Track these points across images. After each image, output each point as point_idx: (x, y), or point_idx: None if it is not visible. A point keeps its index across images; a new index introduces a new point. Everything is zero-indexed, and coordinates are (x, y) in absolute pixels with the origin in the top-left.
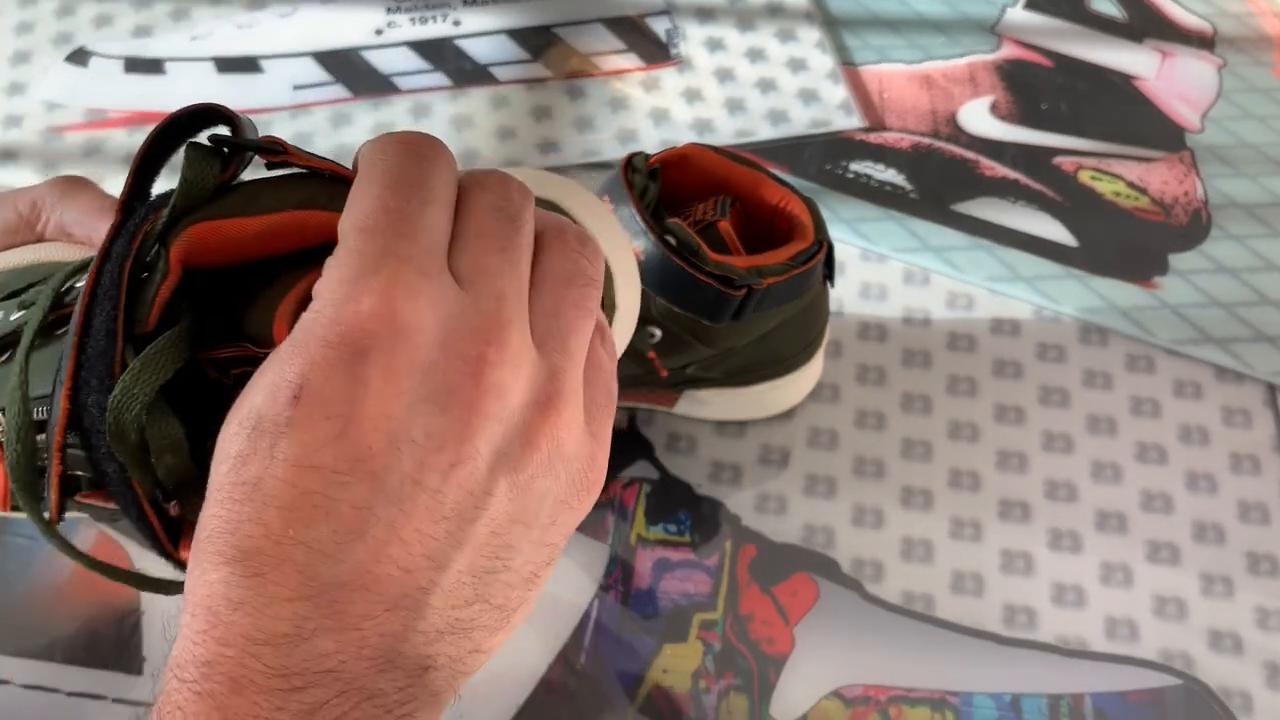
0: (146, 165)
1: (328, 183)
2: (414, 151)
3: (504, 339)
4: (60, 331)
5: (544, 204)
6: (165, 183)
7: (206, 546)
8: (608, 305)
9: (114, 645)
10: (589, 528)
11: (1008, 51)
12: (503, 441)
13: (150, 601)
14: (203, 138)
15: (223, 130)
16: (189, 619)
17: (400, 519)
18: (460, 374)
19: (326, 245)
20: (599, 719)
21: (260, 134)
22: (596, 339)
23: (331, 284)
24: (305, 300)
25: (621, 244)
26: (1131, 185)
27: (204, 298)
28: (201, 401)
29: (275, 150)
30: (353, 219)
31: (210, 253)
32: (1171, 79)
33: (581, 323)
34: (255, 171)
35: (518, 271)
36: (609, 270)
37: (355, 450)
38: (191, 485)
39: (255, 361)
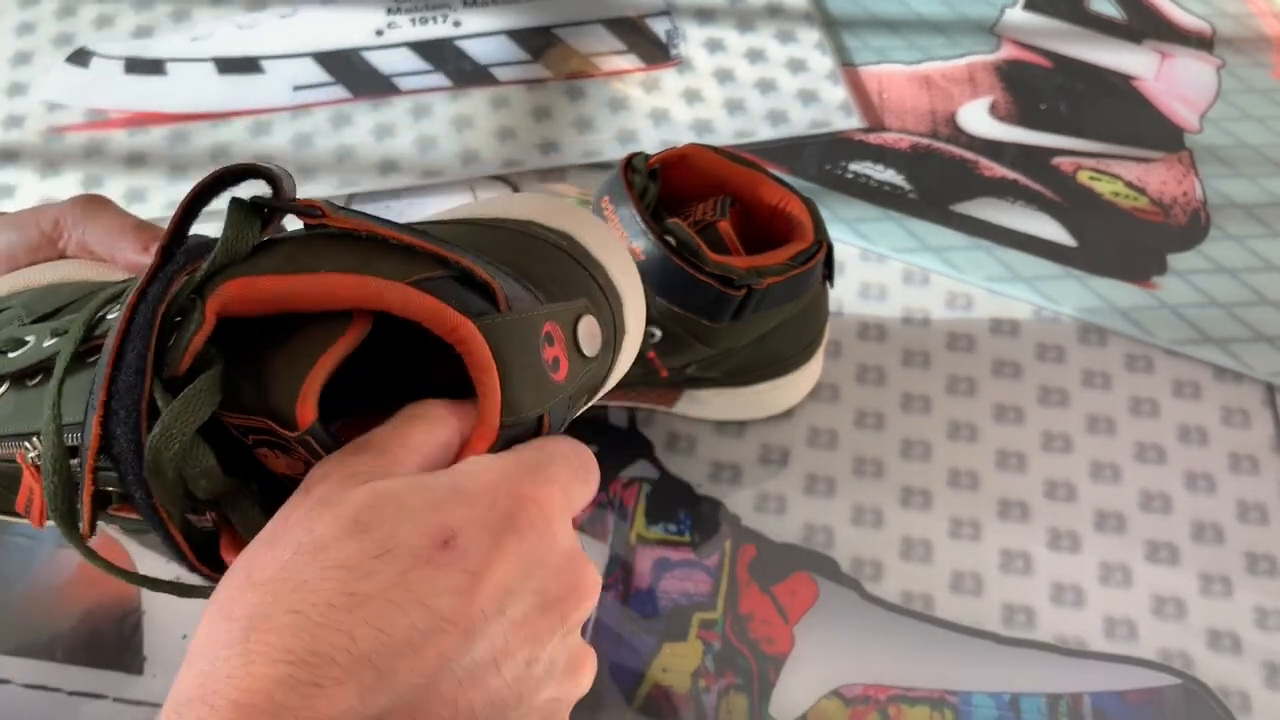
0: (188, 214)
1: (363, 245)
2: (574, 474)
3: (589, 592)
4: (91, 360)
5: (557, 234)
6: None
7: (271, 637)
8: (618, 329)
9: (115, 644)
10: (589, 527)
11: (1007, 52)
12: (561, 660)
13: (151, 601)
14: (244, 191)
15: (263, 187)
16: (215, 689)
17: (468, 682)
18: (570, 587)
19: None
20: (599, 718)
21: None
22: None
23: (503, 463)
24: (330, 377)
25: (632, 273)
26: (1130, 185)
27: (231, 339)
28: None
29: (313, 213)
30: (546, 443)
31: (243, 304)
32: (1170, 80)
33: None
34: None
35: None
36: (619, 296)
37: (467, 607)
38: (229, 497)
39: (275, 434)
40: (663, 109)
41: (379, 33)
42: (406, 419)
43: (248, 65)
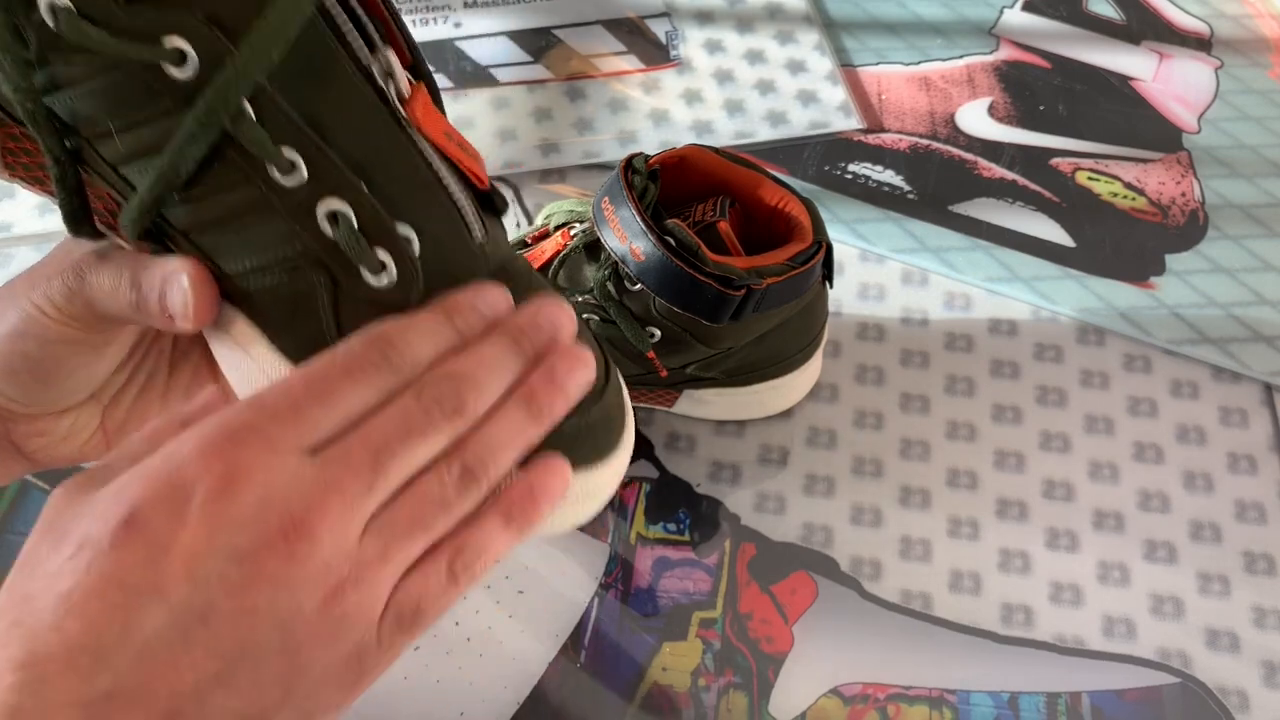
0: None
1: None
2: (355, 364)
3: (310, 525)
4: None
5: None
6: None
7: (1, 654)
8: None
9: None
10: (589, 526)
11: (1005, 53)
12: (283, 609)
13: None
14: None
15: None
16: None
17: (180, 647)
18: (262, 538)
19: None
20: (599, 717)
21: None
22: (433, 566)
23: (198, 434)
24: None
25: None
26: (1129, 186)
27: None
28: None
29: None
30: (270, 387)
31: None
32: (1169, 80)
33: (412, 536)
34: None
35: (375, 472)
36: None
37: (160, 577)
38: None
39: None
40: (662, 110)
41: None
42: (134, 435)
43: None
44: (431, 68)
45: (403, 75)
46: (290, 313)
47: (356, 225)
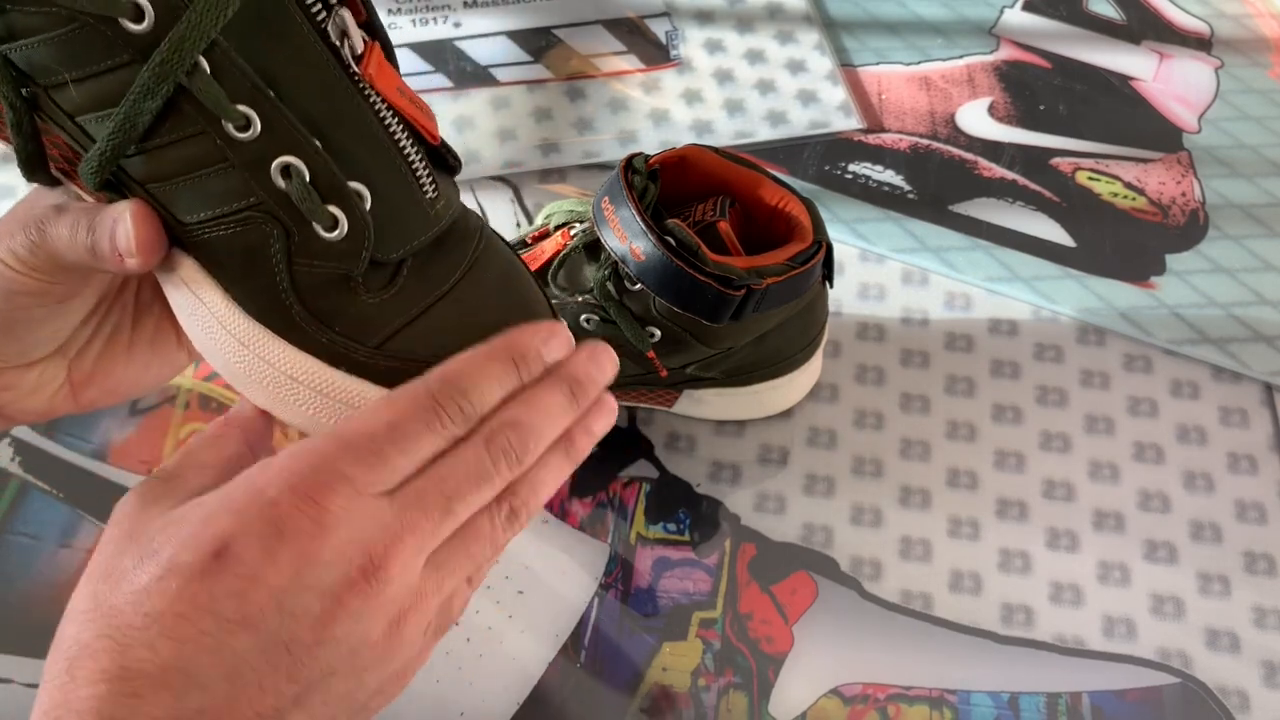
0: None
1: None
2: (434, 416)
3: (387, 564)
4: None
5: None
6: None
7: (88, 663)
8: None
9: None
10: (590, 526)
11: (1006, 53)
12: (356, 639)
13: None
14: None
15: None
16: (55, 717)
17: (266, 672)
18: (345, 577)
19: None
20: (599, 717)
21: None
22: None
23: (286, 469)
24: None
25: None
26: (1129, 186)
27: None
28: None
29: None
30: (352, 426)
31: None
32: (1169, 80)
33: (462, 566)
34: None
35: (451, 515)
36: None
37: (250, 609)
38: None
39: None
40: (662, 110)
41: None
42: (197, 441)
43: None
44: (431, 67)
45: (357, 33)
46: (244, 264)
47: (309, 180)
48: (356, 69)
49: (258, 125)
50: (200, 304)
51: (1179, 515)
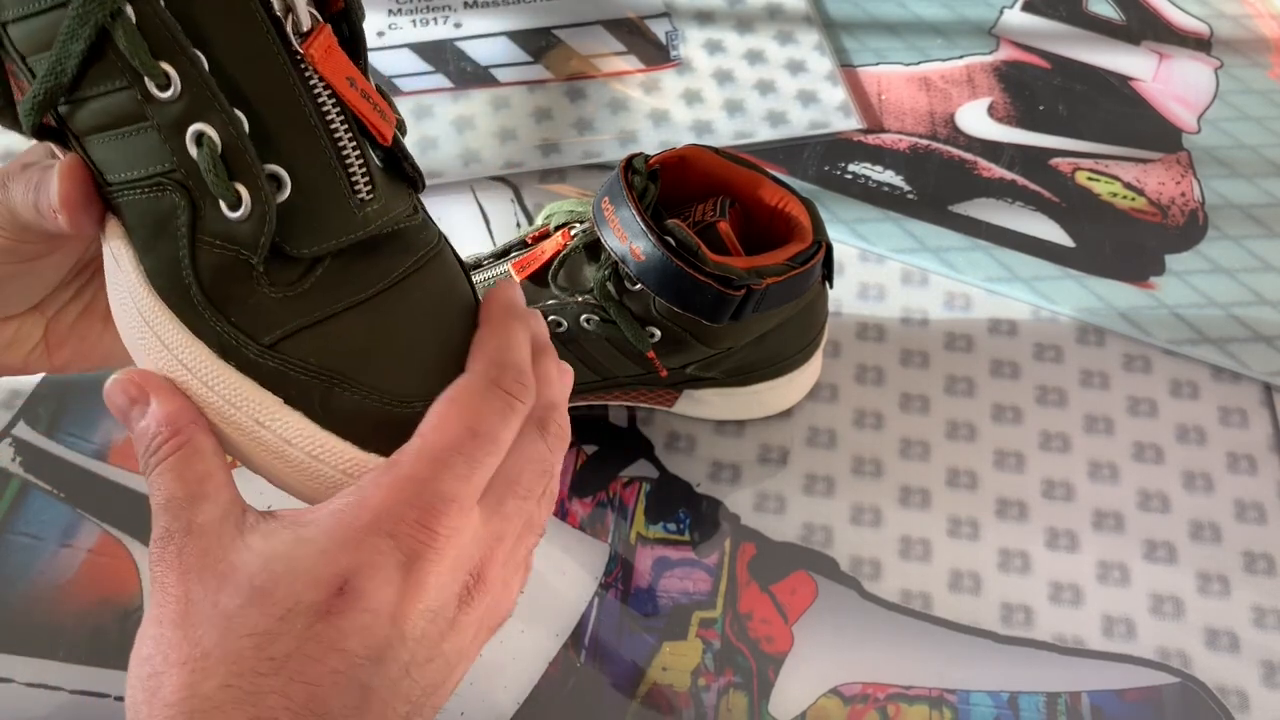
0: None
1: None
2: (509, 407)
3: (485, 576)
4: None
5: None
6: None
7: (215, 715)
8: None
9: (117, 643)
10: (590, 526)
11: (1005, 53)
12: (456, 650)
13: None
14: None
15: None
16: None
17: (389, 698)
18: (454, 594)
19: None
20: (599, 717)
21: None
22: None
23: (391, 499)
24: None
25: None
26: (1128, 186)
27: None
28: None
29: None
30: (435, 443)
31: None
32: (1168, 80)
33: (525, 545)
34: None
35: (523, 512)
36: None
37: (376, 640)
38: None
39: None
40: (662, 110)
41: (380, 34)
42: (198, 455)
43: None
44: (431, 68)
45: (305, 10)
46: (154, 232)
47: (220, 152)
48: (297, 46)
49: (178, 85)
50: (119, 270)
51: (1178, 515)
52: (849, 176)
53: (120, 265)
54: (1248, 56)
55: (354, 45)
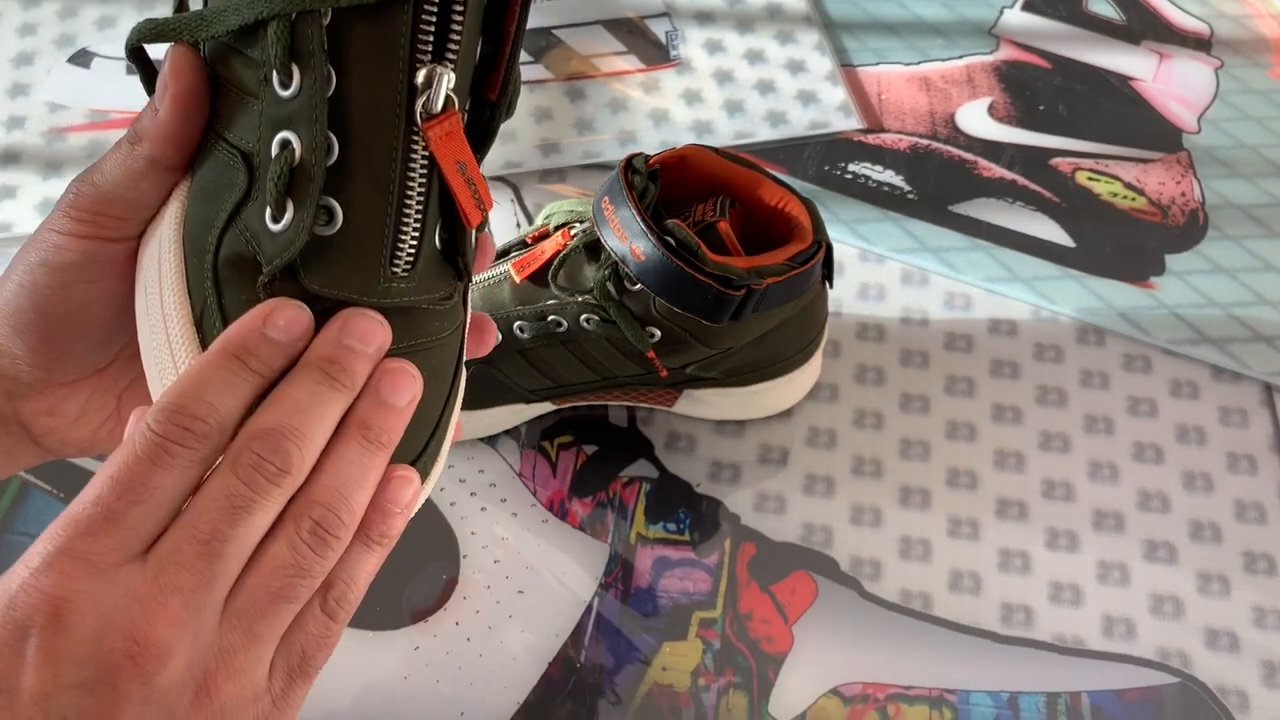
0: None
1: None
2: (158, 448)
3: (155, 638)
4: None
5: None
6: None
7: None
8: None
9: None
10: (590, 526)
11: (1005, 53)
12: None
13: None
14: None
15: None
16: None
17: None
18: (108, 663)
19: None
20: (599, 717)
21: None
22: (309, 612)
23: (23, 561)
24: None
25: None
26: (1129, 186)
27: None
28: None
29: None
30: (80, 495)
31: None
32: (1169, 80)
33: (276, 610)
34: None
35: (212, 561)
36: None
37: (14, 718)
38: None
39: None
40: (662, 110)
41: None
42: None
43: None
44: None
45: (442, 95)
46: (212, 189)
47: (293, 165)
48: (419, 122)
49: (296, 89)
50: (161, 222)
51: (1178, 515)
52: (849, 176)
53: (165, 214)
54: (1248, 56)
55: (483, 132)
